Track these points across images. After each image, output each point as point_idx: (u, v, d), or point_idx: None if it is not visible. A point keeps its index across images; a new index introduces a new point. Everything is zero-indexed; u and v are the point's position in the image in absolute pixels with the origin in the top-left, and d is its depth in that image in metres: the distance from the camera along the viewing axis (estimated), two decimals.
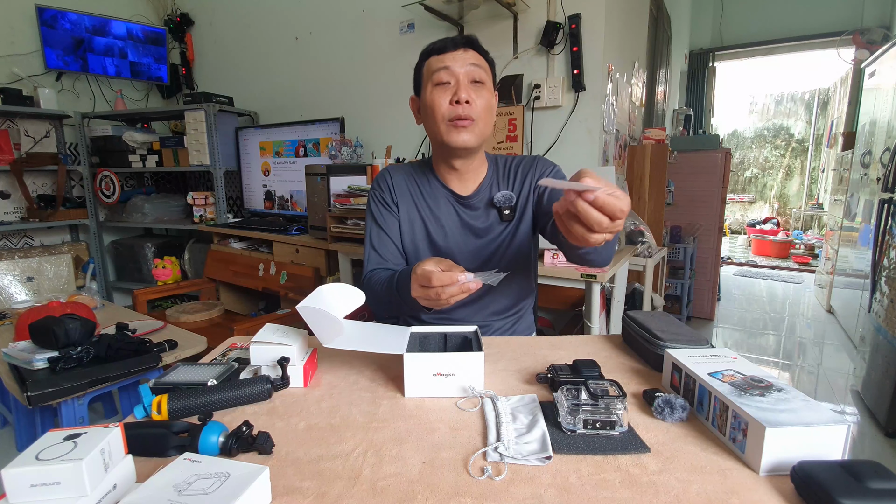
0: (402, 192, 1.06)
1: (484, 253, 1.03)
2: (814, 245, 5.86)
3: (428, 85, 0.95)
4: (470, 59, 0.93)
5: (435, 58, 0.95)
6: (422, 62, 0.98)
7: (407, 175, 1.08)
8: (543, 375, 0.71)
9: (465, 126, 0.93)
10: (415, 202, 1.05)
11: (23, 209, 2.83)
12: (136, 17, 3.21)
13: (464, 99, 0.91)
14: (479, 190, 1.04)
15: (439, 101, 0.93)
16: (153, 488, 0.41)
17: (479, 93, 0.94)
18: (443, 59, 0.93)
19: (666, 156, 2.52)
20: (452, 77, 0.93)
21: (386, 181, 1.07)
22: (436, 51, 0.95)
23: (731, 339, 3.15)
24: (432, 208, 1.04)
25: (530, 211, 1.04)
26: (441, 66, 0.93)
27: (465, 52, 0.94)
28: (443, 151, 1.00)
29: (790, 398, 0.53)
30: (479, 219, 1.04)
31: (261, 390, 0.66)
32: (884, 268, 2.08)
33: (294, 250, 2.34)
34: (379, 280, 0.98)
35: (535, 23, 2.06)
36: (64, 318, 1.28)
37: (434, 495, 0.46)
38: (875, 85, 2.96)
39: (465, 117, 0.92)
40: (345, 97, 2.70)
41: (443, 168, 1.03)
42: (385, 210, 1.06)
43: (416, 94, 1.03)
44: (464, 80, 0.92)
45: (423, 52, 0.98)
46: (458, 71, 0.92)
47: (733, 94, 7.29)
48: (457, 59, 0.93)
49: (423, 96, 0.97)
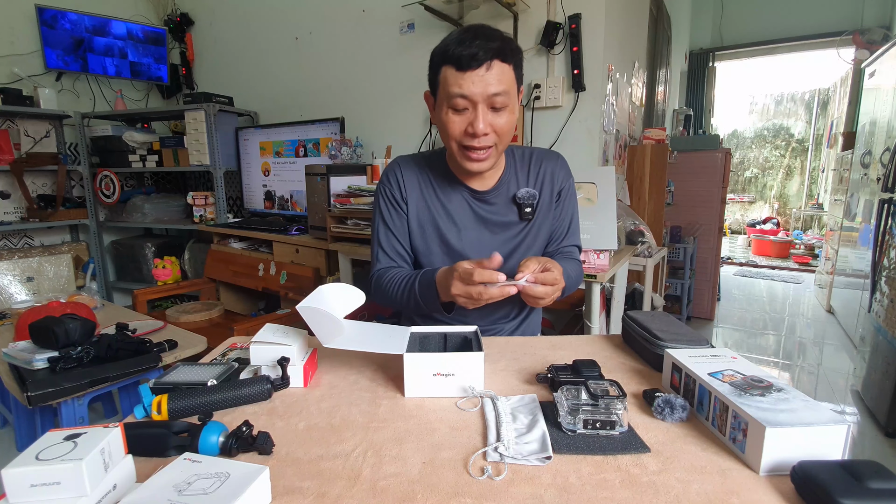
0: (412, 186, 1.00)
1: (500, 252, 0.98)
2: (814, 245, 5.86)
3: (444, 102, 0.86)
4: (493, 81, 0.82)
5: (452, 73, 0.83)
6: (438, 66, 0.86)
7: (419, 168, 1.01)
8: (543, 375, 0.71)
9: (481, 158, 0.88)
10: (425, 197, 1.00)
11: (23, 209, 2.83)
12: (136, 17, 3.21)
13: (481, 132, 0.84)
14: (498, 185, 0.98)
15: (454, 127, 0.86)
16: (153, 488, 0.41)
17: (499, 116, 0.85)
18: (461, 82, 0.82)
19: (666, 156, 2.52)
20: (470, 104, 0.84)
21: (396, 175, 1.01)
22: (454, 63, 0.82)
23: (731, 339, 3.15)
24: (444, 204, 0.99)
25: (550, 209, 1.01)
26: (458, 93, 0.82)
27: (488, 71, 0.81)
28: (455, 164, 0.96)
29: (790, 398, 0.53)
30: (496, 214, 0.99)
31: (261, 390, 0.66)
32: (884, 268, 2.08)
33: (294, 250, 2.34)
34: (392, 280, 0.97)
35: (535, 23, 2.06)
36: (64, 318, 1.28)
37: (434, 495, 0.46)
38: (875, 85, 2.96)
39: (479, 148, 0.86)
40: (345, 97, 2.70)
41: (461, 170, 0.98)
42: (394, 208, 1.01)
43: (431, 91, 0.93)
44: (483, 108, 0.84)
45: (439, 53, 0.85)
46: (477, 98, 0.82)
47: (733, 94, 7.29)
48: (477, 83, 0.81)
49: (437, 109, 0.89)
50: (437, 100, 0.89)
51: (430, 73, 0.90)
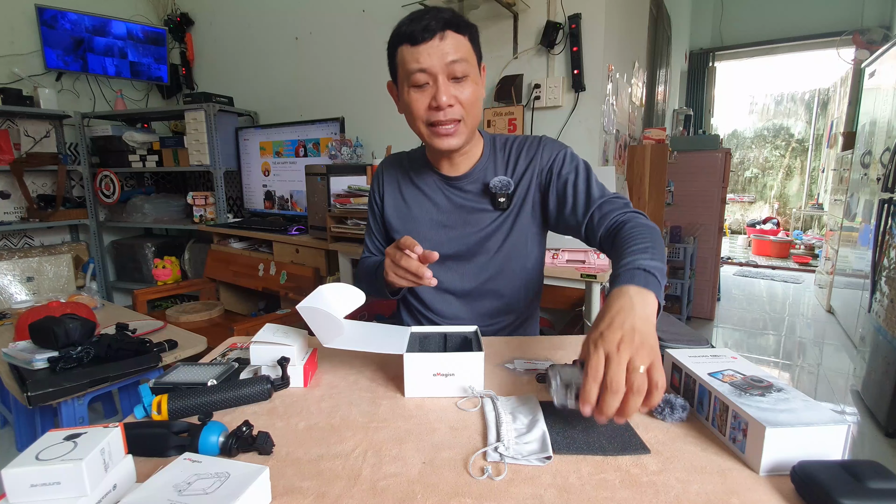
0: (389, 183, 1.04)
1: (471, 241, 0.96)
2: (814, 245, 5.86)
3: (404, 83, 0.85)
4: (449, 49, 0.81)
5: (408, 49, 0.82)
6: (394, 47, 0.85)
7: (398, 165, 1.05)
8: (543, 375, 0.71)
9: (450, 133, 0.86)
10: (401, 191, 1.02)
11: (23, 209, 2.83)
12: (136, 17, 3.21)
13: (445, 104, 0.82)
14: (471, 171, 0.96)
15: (417, 104, 0.85)
16: (153, 488, 0.41)
17: (462, 88, 0.84)
18: (417, 56, 0.81)
19: (666, 156, 2.52)
20: (430, 77, 0.82)
21: (378, 176, 1.07)
22: (407, 38, 0.82)
23: (731, 339, 3.15)
24: (422, 191, 1.00)
25: (532, 201, 0.95)
26: (416, 68, 0.82)
27: (442, 41, 0.81)
28: (428, 147, 0.96)
29: (790, 398, 0.53)
30: (469, 201, 0.96)
31: (261, 390, 0.66)
32: (884, 268, 2.08)
33: (294, 250, 2.34)
34: (363, 265, 1.07)
35: (535, 23, 2.06)
36: (64, 318, 1.28)
37: (434, 495, 0.46)
38: (875, 85, 2.96)
39: (446, 122, 0.85)
40: (345, 97, 2.70)
41: (434, 153, 0.97)
42: (374, 205, 1.08)
43: (392, 78, 0.92)
44: (443, 79, 0.82)
45: (393, 35, 0.85)
46: (436, 69, 0.81)
47: (733, 94, 7.29)
48: (433, 54, 0.80)
49: (400, 92, 0.88)
50: (399, 83, 0.88)
51: (388, 62, 0.90)
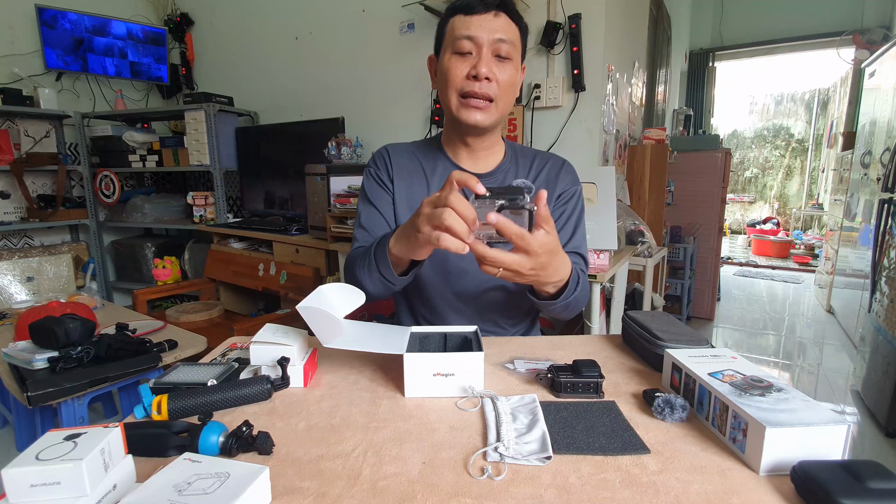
0: (401, 171, 0.98)
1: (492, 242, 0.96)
2: (814, 245, 5.86)
3: (448, 49, 0.85)
4: (499, 28, 0.83)
5: (460, 18, 0.84)
6: (446, 19, 0.87)
7: (409, 154, 0.99)
8: (543, 375, 0.71)
9: (480, 107, 0.85)
10: (416, 183, 0.97)
11: (23, 209, 2.83)
12: (136, 17, 3.21)
13: (483, 75, 0.82)
14: (494, 171, 0.95)
15: (455, 70, 0.84)
16: (153, 488, 0.41)
17: (503, 68, 0.84)
18: (468, 24, 0.83)
19: (666, 156, 2.52)
20: (475, 47, 0.83)
21: (384, 159, 0.99)
22: (462, 9, 0.84)
23: (731, 339, 3.15)
24: (436, 186, 0.95)
25: None
26: (464, 34, 0.83)
27: (496, 18, 0.83)
28: (454, 124, 0.92)
29: (790, 398, 0.53)
30: None
31: (261, 390, 0.66)
32: (884, 268, 2.08)
33: (294, 250, 2.34)
34: (355, 253, 0.91)
35: (535, 23, 2.06)
36: (64, 318, 1.28)
37: (434, 495, 0.46)
38: (875, 85, 2.96)
39: (481, 96, 0.84)
40: (345, 97, 2.70)
41: (455, 143, 0.95)
42: (380, 188, 0.98)
43: (435, 53, 0.92)
44: (487, 52, 0.82)
45: (450, 8, 0.87)
46: (483, 41, 0.82)
47: (733, 94, 7.30)
48: (483, 27, 0.82)
49: (440, 59, 0.88)
50: (442, 50, 0.88)
51: (437, 33, 0.91)
